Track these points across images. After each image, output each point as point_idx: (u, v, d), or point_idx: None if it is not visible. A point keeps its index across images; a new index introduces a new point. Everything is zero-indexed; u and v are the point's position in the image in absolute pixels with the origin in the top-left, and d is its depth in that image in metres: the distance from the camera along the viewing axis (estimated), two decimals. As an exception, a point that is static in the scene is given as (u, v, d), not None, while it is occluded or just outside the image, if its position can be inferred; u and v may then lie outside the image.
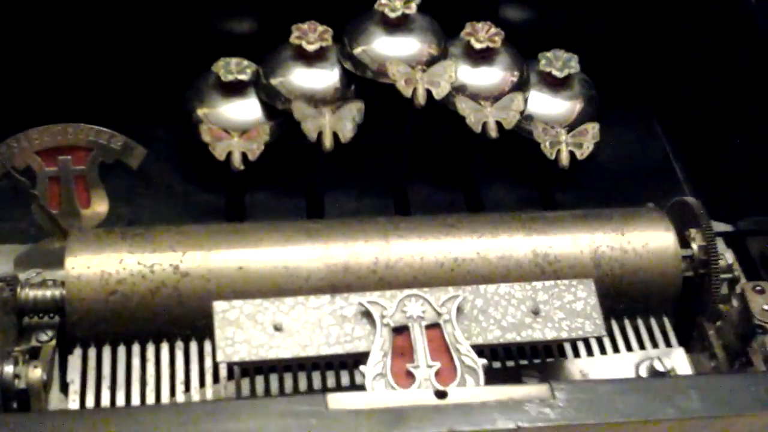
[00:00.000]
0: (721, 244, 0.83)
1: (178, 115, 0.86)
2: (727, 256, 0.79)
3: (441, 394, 0.59)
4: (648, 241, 0.76)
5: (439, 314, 0.67)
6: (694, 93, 0.97)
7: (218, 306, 0.66)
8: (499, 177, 0.91)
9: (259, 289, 0.70)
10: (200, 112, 0.84)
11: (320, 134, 0.81)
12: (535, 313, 0.68)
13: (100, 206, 0.77)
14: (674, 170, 0.96)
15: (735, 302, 0.74)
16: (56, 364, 0.68)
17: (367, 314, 0.67)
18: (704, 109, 0.96)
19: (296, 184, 0.88)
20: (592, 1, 0.93)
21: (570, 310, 0.69)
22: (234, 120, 0.84)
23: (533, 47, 0.90)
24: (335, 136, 0.81)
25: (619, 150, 0.97)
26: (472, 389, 0.61)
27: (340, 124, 0.81)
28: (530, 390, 0.58)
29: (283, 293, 0.70)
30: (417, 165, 0.90)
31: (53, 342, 0.68)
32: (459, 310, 0.67)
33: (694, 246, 0.76)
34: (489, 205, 0.89)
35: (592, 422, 0.57)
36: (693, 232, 0.77)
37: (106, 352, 0.69)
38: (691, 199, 0.78)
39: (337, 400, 0.57)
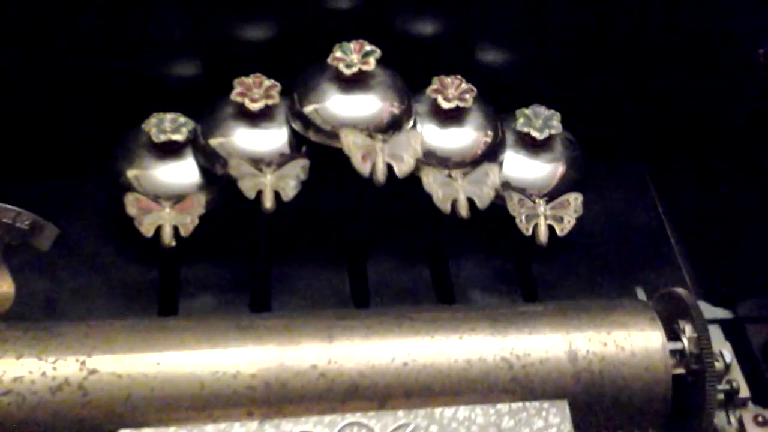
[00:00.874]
0: (718, 333, 0.74)
1: (106, 175, 0.76)
2: (725, 353, 0.69)
3: None
4: (630, 334, 0.66)
5: (385, 447, 0.57)
6: (693, 148, 0.87)
7: (124, 435, 0.56)
8: (470, 248, 0.81)
9: (179, 389, 0.60)
10: (130, 174, 0.74)
11: (260, 194, 0.71)
12: (499, 443, 0.59)
13: (6, 289, 0.67)
14: (667, 237, 0.86)
15: (733, 420, 0.65)
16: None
17: (300, 446, 0.57)
18: (704, 168, 0.86)
19: (239, 255, 0.78)
20: (576, 46, 0.83)
21: (540, 439, 0.59)
22: (168, 184, 0.74)
23: (511, 96, 0.80)
24: (277, 196, 0.71)
25: (606, 211, 0.87)
26: None
27: (282, 182, 0.72)
28: None
29: (208, 394, 0.60)
30: (377, 233, 0.80)
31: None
32: (409, 439, 0.58)
33: (684, 339, 0.66)
34: (458, 280, 0.79)
35: None
36: (682, 323, 0.67)
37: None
38: (681, 290, 0.68)
39: None
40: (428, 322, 0.65)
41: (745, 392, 0.68)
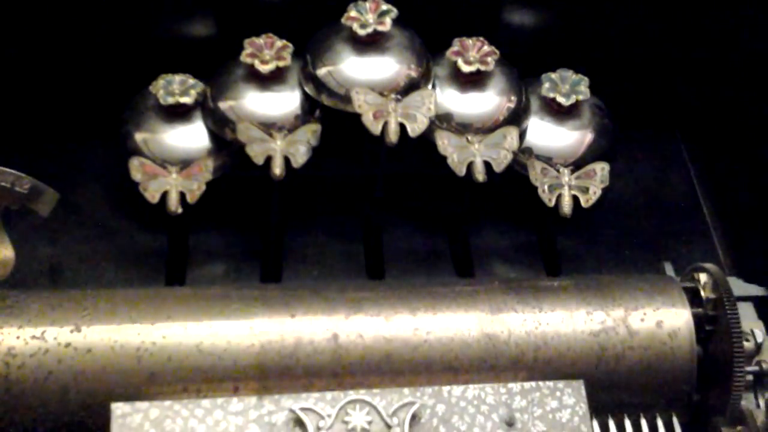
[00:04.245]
0: (750, 311, 0.70)
1: (115, 137, 0.73)
2: (757, 332, 0.66)
3: None
4: (655, 310, 0.63)
5: (388, 426, 0.55)
6: (730, 115, 0.83)
7: (117, 409, 0.54)
8: (491, 218, 0.78)
9: (176, 361, 0.58)
10: (138, 137, 0.72)
11: (269, 160, 0.68)
12: (509, 424, 0.56)
13: (6, 254, 0.65)
14: (701, 209, 0.82)
15: (761, 403, 0.61)
16: None
17: (300, 423, 0.55)
18: (742, 136, 0.81)
19: (250, 223, 0.75)
20: (606, 6, 0.79)
21: (553, 421, 0.57)
22: (177, 148, 0.71)
23: (538, 61, 0.76)
24: (287, 162, 0.68)
25: (637, 182, 0.83)
26: None
27: (292, 147, 0.69)
28: None
29: (206, 367, 0.58)
30: (393, 201, 0.77)
31: None
32: (414, 418, 0.55)
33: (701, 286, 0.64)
34: (478, 251, 0.76)
35: None
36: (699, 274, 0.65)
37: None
38: (708, 265, 0.65)
39: None
40: (443, 295, 0.62)
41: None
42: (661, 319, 0.63)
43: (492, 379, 0.59)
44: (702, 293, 0.63)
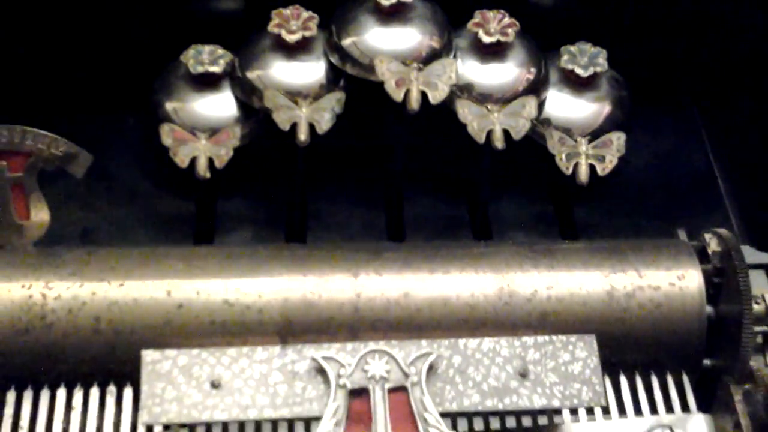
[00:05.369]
0: (762, 278, 0.71)
1: (145, 107, 0.76)
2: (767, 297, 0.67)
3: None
4: (667, 271, 0.65)
5: (406, 375, 0.57)
6: (746, 90, 0.84)
7: (147, 356, 0.57)
8: (509, 187, 0.80)
9: (204, 313, 0.61)
10: (169, 106, 0.74)
11: (295, 126, 0.71)
12: (523, 375, 0.58)
13: (41, 215, 0.68)
14: (716, 181, 0.83)
15: (771, 363, 0.63)
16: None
17: (321, 371, 0.57)
18: (758, 111, 0.83)
19: (276, 190, 0.78)
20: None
21: (565, 373, 0.59)
22: (206, 117, 0.74)
23: (557, 35, 0.78)
24: (312, 129, 0.71)
25: (654, 155, 0.85)
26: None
27: (317, 114, 0.71)
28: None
29: (233, 319, 0.61)
30: (415, 171, 0.79)
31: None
32: (431, 369, 0.57)
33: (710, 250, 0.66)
34: (496, 221, 0.78)
35: None
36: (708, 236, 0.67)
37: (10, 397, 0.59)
38: (721, 230, 0.67)
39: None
40: (460, 253, 0.65)
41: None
42: (670, 264, 0.65)
43: (506, 320, 0.61)
44: (708, 249, 0.65)
